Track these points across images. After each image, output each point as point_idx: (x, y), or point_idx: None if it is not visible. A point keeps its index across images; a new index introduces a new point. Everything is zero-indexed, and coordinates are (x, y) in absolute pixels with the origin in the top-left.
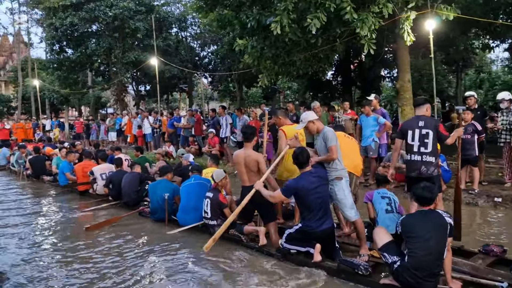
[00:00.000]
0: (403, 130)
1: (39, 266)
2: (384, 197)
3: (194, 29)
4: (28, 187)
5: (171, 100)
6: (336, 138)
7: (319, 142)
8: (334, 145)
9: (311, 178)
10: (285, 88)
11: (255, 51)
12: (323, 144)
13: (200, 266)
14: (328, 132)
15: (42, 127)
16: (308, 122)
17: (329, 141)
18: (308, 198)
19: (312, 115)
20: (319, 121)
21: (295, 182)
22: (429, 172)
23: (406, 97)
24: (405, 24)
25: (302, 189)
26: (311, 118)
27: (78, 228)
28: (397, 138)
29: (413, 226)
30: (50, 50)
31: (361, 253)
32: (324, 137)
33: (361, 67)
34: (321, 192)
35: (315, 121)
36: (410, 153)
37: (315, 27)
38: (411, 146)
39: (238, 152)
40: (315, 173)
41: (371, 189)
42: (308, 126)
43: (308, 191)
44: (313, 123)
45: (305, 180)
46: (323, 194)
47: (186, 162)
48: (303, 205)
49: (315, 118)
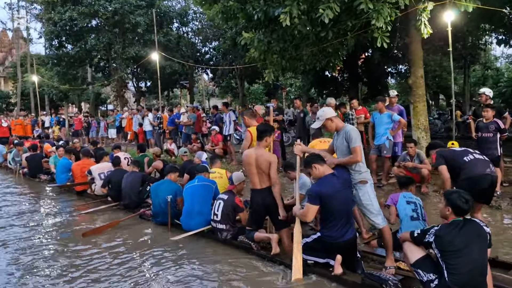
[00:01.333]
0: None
1: (28, 274)
2: (410, 202)
3: (195, 24)
4: (24, 186)
5: (172, 96)
6: (360, 138)
7: (339, 142)
8: (358, 145)
9: (334, 181)
10: (287, 85)
11: (261, 44)
12: (345, 144)
13: (205, 278)
14: (351, 131)
15: (41, 124)
16: (326, 119)
17: (353, 141)
18: (331, 204)
19: (331, 112)
20: (338, 119)
21: (317, 186)
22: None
23: (419, 93)
24: (422, 16)
25: (325, 194)
26: (329, 115)
27: (74, 232)
28: (442, 165)
29: (452, 239)
30: (49, 45)
31: (386, 265)
32: (347, 137)
33: (369, 62)
34: (345, 197)
35: (334, 118)
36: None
37: (328, 17)
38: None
39: (249, 151)
40: (339, 176)
41: (383, 190)
42: (325, 124)
43: (331, 196)
44: (331, 120)
45: (327, 184)
46: (347, 200)
47: (198, 161)
48: (325, 212)
49: (334, 115)
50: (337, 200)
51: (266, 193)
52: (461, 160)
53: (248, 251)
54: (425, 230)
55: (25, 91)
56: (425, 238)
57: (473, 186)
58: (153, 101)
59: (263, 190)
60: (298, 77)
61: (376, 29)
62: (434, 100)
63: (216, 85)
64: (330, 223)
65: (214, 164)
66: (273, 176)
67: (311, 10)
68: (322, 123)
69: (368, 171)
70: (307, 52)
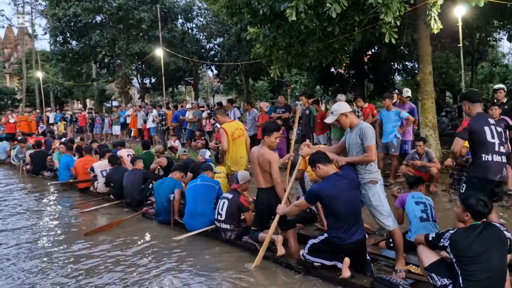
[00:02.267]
0: (476, 128)
1: (28, 273)
2: (419, 203)
3: (200, 20)
4: (27, 183)
5: (176, 93)
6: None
7: (352, 138)
8: (373, 144)
9: (337, 181)
10: (293, 82)
11: (267, 40)
12: (359, 142)
13: (207, 278)
14: (367, 129)
15: (46, 120)
16: (340, 115)
17: (368, 140)
18: (334, 205)
19: (346, 107)
20: (353, 114)
21: (318, 187)
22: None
23: (427, 90)
24: (432, 10)
25: (326, 195)
26: (343, 111)
27: (75, 231)
28: (461, 138)
29: (470, 245)
30: (53, 41)
31: (397, 269)
32: (362, 134)
33: (375, 59)
34: (350, 198)
35: (349, 114)
36: (491, 153)
37: (335, 12)
38: (492, 145)
39: (253, 150)
40: (343, 176)
41: (390, 189)
42: (339, 120)
43: (333, 197)
44: (346, 116)
45: (329, 184)
46: (352, 200)
47: (202, 159)
48: (330, 213)
49: (349, 111)
50: (341, 201)
51: (270, 193)
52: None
53: (253, 252)
54: (440, 234)
55: (30, 87)
56: (439, 242)
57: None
58: (158, 98)
59: (267, 189)
60: (303, 74)
61: (384, 24)
62: (441, 97)
63: (221, 82)
64: (337, 224)
65: (218, 163)
66: (274, 175)
67: (318, 4)
68: (336, 117)
69: (379, 171)
70: (313, 48)
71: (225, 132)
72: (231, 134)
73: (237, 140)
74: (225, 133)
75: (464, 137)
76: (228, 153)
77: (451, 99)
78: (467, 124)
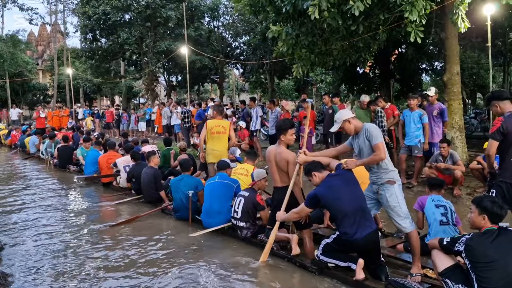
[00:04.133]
0: (510, 129)
1: (48, 266)
2: (439, 206)
3: (226, 18)
4: (54, 176)
5: (202, 91)
6: (381, 135)
7: (360, 142)
8: (380, 142)
9: (331, 182)
10: (318, 81)
11: (290, 38)
12: (367, 143)
13: (221, 276)
14: (371, 128)
15: (75, 116)
16: (343, 121)
17: (374, 139)
18: (334, 204)
19: (348, 113)
20: (356, 120)
21: (314, 191)
22: None
23: (454, 91)
24: (459, 9)
25: (322, 196)
26: (346, 117)
27: (96, 225)
28: (495, 140)
29: (485, 250)
30: (83, 39)
31: (412, 272)
32: (367, 135)
33: (402, 58)
34: (351, 194)
35: (351, 119)
36: None
37: (358, 10)
38: None
39: (270, 148)
40: (337, 175)
41: (413, 191)
42: (343, 127)
43: (330, 196)
44: (349, 122)
45: (323, 186)
46: (355, 196)
47: (232, 156)
48: (335, 213)
49: (351, 117)
50: (339, 199)
51: (286, 192)
52: None
53: None
54: (455, 238)
55: (61, 83)
56: (454, 247)
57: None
58: (184, 95)
59: (284, 188)
60: (329, 73)
61: (410, 23)
62: (471, 99)
63: (246, 80)
64: (343, 222)
65: (248, 160)
66: (290, 174)
67: (341, 2)
68: (340, 125)
69: (396, 170)
70: (337, 47)
71: (205, 126)
72: (210, 128)
73: (215, 135)
74: (205, 127)
75: (497, 138)
76: (205, 144)
77: (482, 101)
78: (500, 124)
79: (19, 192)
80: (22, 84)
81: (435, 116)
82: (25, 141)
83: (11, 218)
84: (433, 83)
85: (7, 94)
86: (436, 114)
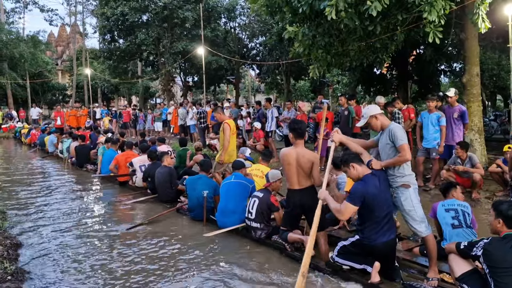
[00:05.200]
0: None
1: (65, 264)
2: (449, 210)
3: (242, 19)
4: (71, 175)
5: (218, 91)
6: (406, 136)
7: (383, 141)
8: (405, 143)
9: (376, 182)
10: (334, 82)
11: (306, 39)
12: (389, 143)
13: (234, 276)
14: (396, 129)
15: (93, 116)
16: (370, 117)
17: (398, 140)
18: (374, 205)
19: (376, 109)
20: (383, 116)
21: (362, 186)
22: None
23: (473, 92)
24: (480, 9)
25: (369, 195)
26: (373, 113)
27: (112, 224)
28: None
29: (504, 255)
30: (102, 39)
31: (429, 276)
32: (391, 135)
33: (420, 59)
34: (386, 199)
35: (379, 116)
36: None
37: (376, 10)
38: None
39: (289, 150)
40: (378, 176)
41: (430, 194)
42: (370, 122)
43: (375, 196)
44: (376, 118)
45: (370, 183)
46: (388, 200)
47: (242, 156)
48: (367, 214)
49: (379, 113)
50: (380, 201)
51: (304, 194)
52: None
53: (282, 252)
54: (472, 243)
55: (80, 83)
56: (472, 251)
57: None
58: (200, 96)
59: (301, 190)
60: (345, 74)
61: (428, 23)
62: (491, 101)
63: (262, 81)
64: (371, 225)
65: (263, 160)
66: (315, 176)
67: (359, 2)
68: (367, 120)
69: (413, 174)
70: (354, 47)
71: (229, 126)
72: (233, 129)
73: (234, 136)
74: (228, 127)
75: None
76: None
77: (502, 103)
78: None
79: (38, 190)
80: (42, 84)
81: (455, 118)
82: (44, 139)
83: (29, 216)
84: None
85: (28, 93)
86: (457, 116)
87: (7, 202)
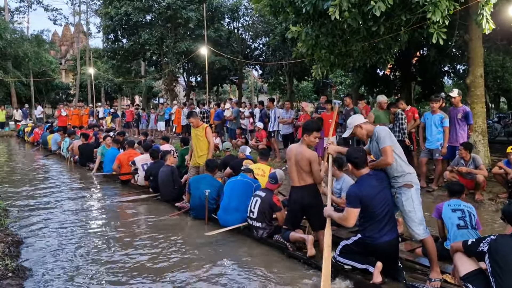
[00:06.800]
0: None
1: (66, 261)
2: (456, 210)
3: (246, 19)
4: (74, 173)
5: (221, 92)
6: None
7: (373, 146)
8: (388, 145)
9: (373, 182)
10: (337, 83)
11: (309, 39)
12: (376, 146)
13: (236, 275)
14: (379, 131)
15: (96, 115)
16: (355, 127)
17: (381, 141)
18: (371, 206)
19: (360, 119)
20: (368, 124)
21: (356, 188)
22: None
23: (477, 94)
24: (484, 10)
25: (366, 196)
26: (358, 122)
27: (114, 222)
28: None
29: (507, 254)
30: (105, 39)
31: (431, 277)
32: (376, 138)
33: (423, 60)
34: (385, 197)
35: (363, 125)
36: None
37: (379, 10)
38: None
39: (292, 146)
40: (375, 175)
41: (433, 195)
42: (355, 132)
43: (372, 197)
44: (360, 127)
45: (366, 184)
46: (387, 200)
47: (242, 155)
48: (367, 214)
49: (363, 122)
50: (377, 201)
51: (304, 191)
52: None
53: (283, 251)
54: (480, 239)
55: (83, 83)
56: (479, 247)
57: None
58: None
59: (301, 188)
60: (348, 75)
61: (432, 24)
62: (495, 103)
63: (265, 82)
64: (372, 225)
65: (261, 159)
66: (315, 174)
67: (362, 3)
68: (352, 131)
69: (414, 173)
70: (357, 48)
71: (210, 130)
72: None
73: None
74: (210, 130)
75: None
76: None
77: (506, 105)
78: None
79: (40, 188)
80: (45, 83)
81: (459, 119)
82: (47, 138)
83: (30, 214)
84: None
85: (31, 92)
86: (461, 117)
87: (9, 200)
